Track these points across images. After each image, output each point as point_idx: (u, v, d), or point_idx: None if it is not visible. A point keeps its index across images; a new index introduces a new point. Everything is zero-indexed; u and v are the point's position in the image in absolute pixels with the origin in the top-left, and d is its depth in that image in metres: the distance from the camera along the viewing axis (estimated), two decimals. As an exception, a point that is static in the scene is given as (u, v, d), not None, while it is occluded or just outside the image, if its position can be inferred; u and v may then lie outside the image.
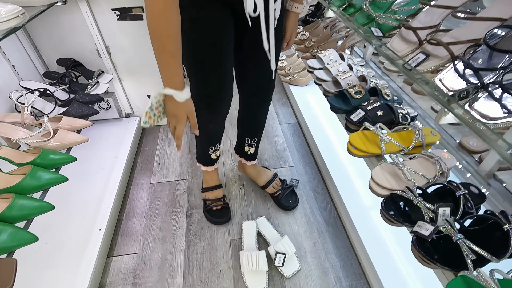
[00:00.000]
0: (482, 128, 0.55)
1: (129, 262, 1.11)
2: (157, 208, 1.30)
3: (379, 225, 1.15)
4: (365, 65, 1.40)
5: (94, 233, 1.11)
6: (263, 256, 1.04)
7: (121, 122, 1.66)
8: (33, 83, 1.20)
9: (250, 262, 1.03)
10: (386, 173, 0.81)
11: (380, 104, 0.97)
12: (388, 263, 1.03)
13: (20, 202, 0.79)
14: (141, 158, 1.56)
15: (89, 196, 1.25)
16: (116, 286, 1.04)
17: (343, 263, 1.10)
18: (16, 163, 0.89)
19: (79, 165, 1.39)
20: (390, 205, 0.74)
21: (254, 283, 1.02)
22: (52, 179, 0.88)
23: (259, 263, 1.02)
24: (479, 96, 0.58)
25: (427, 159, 0.83)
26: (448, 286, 0.56)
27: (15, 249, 0.72)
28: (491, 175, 0.83)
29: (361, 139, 0.91)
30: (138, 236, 1.20)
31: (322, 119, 1.69)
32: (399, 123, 0.96)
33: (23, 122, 1.03)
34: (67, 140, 1.01)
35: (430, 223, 0.65)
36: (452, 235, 0.61)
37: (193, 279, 1.05)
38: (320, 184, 1.41)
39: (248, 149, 1.24)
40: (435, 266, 0.62)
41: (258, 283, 1.02)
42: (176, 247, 1.15)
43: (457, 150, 0.94)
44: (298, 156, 1.56)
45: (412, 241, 0.65)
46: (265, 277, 1.03)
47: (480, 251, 0.59)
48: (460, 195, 0.71)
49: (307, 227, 1.22)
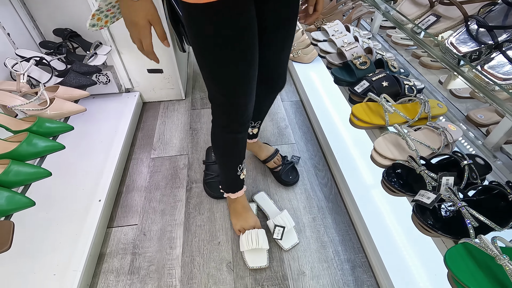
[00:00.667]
0: (493, 90, 0.51)
1: (129, 233, 1.12)
2: (157, 182, 1.30)
3: (380, 201, 1.14)
4: (372, 38, 1.34)
5: (94, 204, 1.11)
6: (263, 234, 1.03)
7: (120, 97, 1.63)
8: (29, 51, 1.17)
9: (250, 241, 1.01)
10: (389, 144, 0.78)
11: (385, 75, 0.93)
12: (387, 238, 1.02)
13: (16, 167, 0.78)
14: (141, 133, 1.55)
15: (88, 168, 1.25)
16: (116, 255, 1.05)
17: (342, 238, 1.09)
18: (12, 130, 0.88)
19: (78, 138, 1.39)
20: (392, 175, 0.72)
21: (255, 261, 1.01)
22: (49, 147, 0.87)
23: (259, 241, 1.01)
24: (492, 56, 0.55)
25: (432, 130, 0.81)
26: (448, 252, 0.55)
27: (12, 212, 0.72)
28: (498, 148, 0.80)
29: (365, 111, 0.88)
30: (137, 208, 1.20)
31: (325, 97, 1.65)
32: (404, 95, 0.92)
33: (19, 90, 1.01)
34: (64, 109, 1.00)
35: (432, 192, 0.63)
36: (455, 202, 0.60)
37: (192, 250, 1.06)
38: (321, 161, 1.39)
39: (251, 130, 1.19)
40: (435, 234, 0.61)
41: (259, 261, 1.01)
42: (175, 219, 1.16)
43: (464, 123, 0.90)
44: (300, 133, 1.54)
45: (413, 209, 0.63)
46: (265, 255, 1.02)
47: (483, 218, 0.57)
48: (465, 165, 0.69)
49: (307, 202, 1.21)
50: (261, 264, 1.00)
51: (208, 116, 1.63)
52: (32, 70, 1.09)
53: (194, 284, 0.97)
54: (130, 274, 1.00)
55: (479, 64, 0.55)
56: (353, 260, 1.03)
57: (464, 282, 0.52)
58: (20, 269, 0.93)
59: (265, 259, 1.01)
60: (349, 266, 1.02)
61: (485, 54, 0.55)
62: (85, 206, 1.10)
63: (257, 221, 1.09)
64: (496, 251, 0.50)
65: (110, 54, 1.46)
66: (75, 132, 1.43)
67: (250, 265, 1.00)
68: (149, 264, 1.02)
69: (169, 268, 1.01)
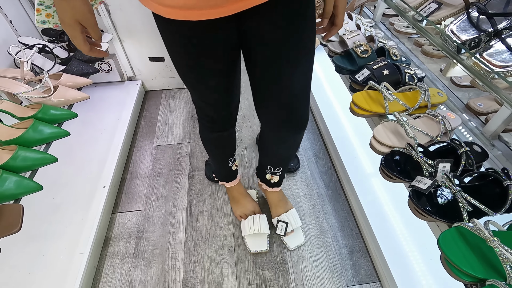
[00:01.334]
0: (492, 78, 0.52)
1: (133, 218, 1.15)
2: (159, 169, 1.32)
3: (378, 189, 1.16)
4: (374, 26, 1.33)
5: (98, 190, 1.14)
6: (264, 219, 1.06)
7: (123, 85, 1.64)
8: (32, 39, 1.18)
9: (252, 225, 1.04)
10: (388, 131, 0.79)
11: (386, 63, 0.93)
12: (384, 225, 1.05)
13: (23, 153, 0.80)
14: (143, 122, 1.56)
15: (93, 156, 1.27)
16: (121, 239, 1.08)
17: (341, 224, 1.12)
18: (18, 117, 0.90)
19: (82, 127, 1.41)
20: (390, 162, 0.74)
21: (255, 245, 1.03)
22: (54, 133, 0.89)
23: (261, 226, 1.03)
24: (491, 44, 0.55)
25: (431, 118, 0.81)
26: (442, 235, 0.57)
27: (20, 196, 0.75)
28: (496, 136, 0.81)
29: (365, 99, 0.89)
30: (141, 194, 1.23)
31: (327, 86, 1.65)
32: (405, 83, 0.93)
33: (23, 77, 1.02)
34: (67, 96, 1.01)
35: (428, 178, 0.65)
36: (450, 188, 0.61)
37: (195, 234, 1.09)
38: (322, 149, 1.40)
39: (271, 177, 1.01)
40: (430, 218, 0.63)
41: (259, 245, 1.03)
42: (178, 205, 1.19)
43: (464, 111, 0.91)
44: (301, 122, 1.54)
45: (409, 195, 0.65)
46: (266, 240, 1.04)
47: (476, 203, 0.59)
48: (462, 152, 0.70)
49: (307, 190, 1.23)
50: (261, 248, 1.03)
51: (210, 105, 1.64)
52: (36, 57, 1.10)
53: (197, 267, 1.01)
54: (135, 257, 1.03)
55: (478, 51, 0.56)
56: (351, 246, 1.06)
57: (456, 264, 0.54)
58: (29, 252, 0.96)
59: (265, 244, 1.04)
60: (347, 251, 1.05)
61: (484, 41, 0.55)
62: (90, 192, 1.13)
63: (256, 206, 1.12)
64: (487, 233, 0.52)
65: (112, 42, 1.46)
66: (79, 120, 1.45)
67: (251, 249, 1.03)
68: (153, 248, 1.06)
69: (173, 251, 1.05)
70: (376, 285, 0.96)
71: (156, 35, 0.66)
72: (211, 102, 0.78)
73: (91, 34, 0.57)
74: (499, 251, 0.51)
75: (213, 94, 0.75)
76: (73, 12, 0.52)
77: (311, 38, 0.64)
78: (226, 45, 0.63)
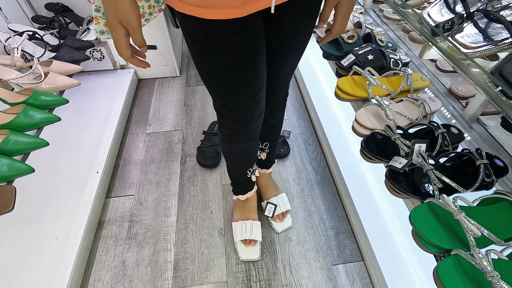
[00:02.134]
0: (460, 59, 0.54)
1: (126, 202, 1.18)
2: (152, 155, 1.35)
3: (366, 174, 1.19)
4: (364, 12, 1.34)
5: (92, 175, 1.16)
6: (257, 225, 1.02)
7: (115, 74, 1.65)
8: (22, 26, 1.18)
9: (244, 230, 1.01)
10: (369, 114, 0.82)
11: (371, 49, 0.95)
12: (369, 208, 1.08)
13: (14, 137, 0.82)
14: (136, 110, 1.58)
15: (86, 142, 1.29)
16: (114, 222, 1.12)
17: (328, 207, 1.15)
18: (9, 103, 0.91)
19: (75, 114, 1.42)
20: (371, 143, 0.76)
21: (247, 253, 1.00)
22: (45, 118, 0.91)
23: (253, 232, 1.00)
24: (464, 26, 0.57)
25: (413, 102, 0.84)
26: (413, 210, 0.60)
27: (13, 178, 0.77)
28: (474, 119, 0.83)
29: (349, 83, 0.91)
30: (134, 180, 1.25)
31: (319, 74, 1.66)
32: (389, 68, 0.94)
33: (14, 64, 1.03)
34: (58, 83, 1.02)
35: (405, 158, 0.68)
36: (423, 166, 0.64)
37: (186, 218, 1.13)
38: (312, 136, 1.43)
39: (260, 153, 1.04)
40: (405, 196, 0.66)
41: (251, 253, 1.00)
42: (170, 190, 1.22)
43: (446, 96, 0.93)
44: (293, 109, 1.57)
45: (385, 174, 0.68)
46: (258, 248, 1.01)
47: (447, 180, 0.61)
48: (438, 134, 0.73)
49: (296, 175, 1.26)
50: (252, 256, 1.00)
51: (202, 93, 1.65)
52: (26, 44, 1.11)
53: (188, 248, 1.04)
54: (128, 239, 1.07)
55: (451, 34, 0.57)
56: (337, 227, 1.10)
57: (425, 236, 0.57)
58: (25, 234, 0.99)
59: (257, 252, 1.00)
60: (333, 232, 1.08)
61: (457, 24, 0.57)
62: (83, 177, 1.15)
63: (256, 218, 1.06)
64: (454, 207, 0.55)
65: (103, 29, 1.46)
66: (72, 107, 1.47)
67: (242, 257, 1.00)
68: (146, 231, 1.09)
69: (165, 234, 1.08)
70: (359, 264, 1.00)
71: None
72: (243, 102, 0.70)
73: (132, 39, 0.51)
74: (465, 224, 0.54)
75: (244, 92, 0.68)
76: (115, 12, 0.47)
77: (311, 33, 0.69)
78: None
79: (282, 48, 0.67)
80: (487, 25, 0.56)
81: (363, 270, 0.99)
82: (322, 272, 0.98)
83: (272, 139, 1.01)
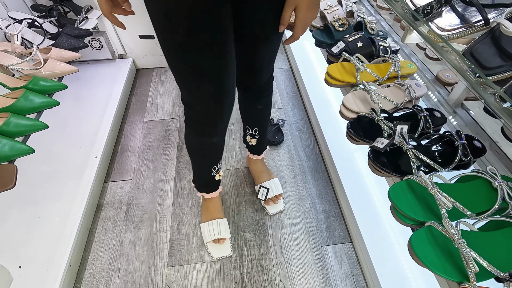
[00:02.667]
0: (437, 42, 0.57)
1: (124, 186, 1.22)
2: (150, 142, 1.38)
3: (358, 161, 1.22)
4: (358, 2, 1.35)
5: (90, 160, 1.20)
6: (224, 223, 1.03)
7: (114, 63, 1.68)
8: (21, 14, 1.21)
9: (212, 231, 1.01)
10: (356, 99, 0.85)
11: (361, 36, 0.97)
12: (359, 193, 1.11)
13: (15, 120, 0.86)
14: (134, 98, 1.61)
15: (85, 129, 1.33)
16: (112, 205, 1.16)
17: (319, 192, 1.19)
18: (10, 87, 0.95)
19: (74, 102, 1.46)
20: (356, 126, 0.79)
21: (218, 251, 1.01)
22: (44, 102, 0.94)
23: (221, 231, 1.00)
24: (442, 10, 0.59)
25: (399, 87, 0.86)
26: (392, 187, 0.63)
27: (14, 158, 0.81)
28: (459, 104, 0.86)
29: (339, 70, 0.93)
30: (132, 165, 1.29)
31: (316, 64, 1.68)
32: (378, 55, 0.97)
33: (14, 51, 1.06)
34: (57, 69, 1.05)
35: (387, 139, 0.71)
36: (403, 145, 0.67)
37: (182, 201, 1.16)
38: (306, 124, 1.46)
39: (250, 139, 1.06)
40: (386, 174, 0.69)
41: (223, 251, 1.01)
42: (166, 175, 1.25)
43: (433, 82, 0.96)
44: (288, 99, 1.59)
45: (368, 154, 0.71)
46: (229, 244, 1.02)
47: (424, 158, 0.65)
48: (421, 116, 0.76)
49: (289, 161, 1.30)
50: (225, 253, 1.00)
51: (200, 82, 1.68)
52: (25, 32, 1.14)
53: (183, 229, 1.08)
54: (125, 221, 1.11)
55: (430, 17, 0.60)
56: (328, 211, 1.13)
57: (401, 210, 0.60)
58: (26, 214, 1.04)
59: (228, 248, 1.01)
60: (324, 216, 1.12)
61: (436, 8, 0.60)
62: (82, 162, 1.19)
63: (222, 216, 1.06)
64: (429, 182, 0.59)
65: (102, 18, 1.48)
66: (71, 95, 1.50)
67: (215, 256, 1.00)
68: (143, 213, 1.13)
69: (161, 216, 1.12)
70: (348, 245, 1.04)
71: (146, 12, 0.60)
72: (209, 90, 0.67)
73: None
74: (438, 198, 0.57)
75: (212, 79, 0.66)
76: None
77: None
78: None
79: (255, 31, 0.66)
80: (464, 9, 0.58)
81: (351, 251, 1.03)
82: (312, 253, 1.02)
83: (262, 125, 1.02)
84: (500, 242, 0.55)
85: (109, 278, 0.97)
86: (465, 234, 0.56)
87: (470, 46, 0.50)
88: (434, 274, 0.53)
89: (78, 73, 1.61)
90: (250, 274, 0.97)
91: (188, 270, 0.98)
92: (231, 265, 0.99)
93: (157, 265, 1.00)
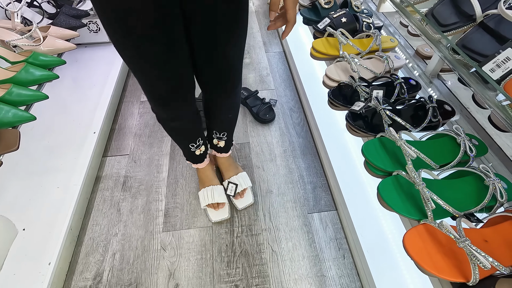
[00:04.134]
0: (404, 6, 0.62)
1: (122, 160, 1.27)
2: (146, 121, 1.44)
3: (345, 137, 1.28)
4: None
5: (89, 135, 1.25)
6: (218, 189, 1.08)
7: (111, 46, 1.70)
8: (20, -6, 1.25)
9: (206, 196, 1.06)
10: (338, 69, 0.90)
11: (345, 12, 1.02)
12: (346, 165, 1.17)
13: (17, 90, 0.91)
14: (131, 80, 1.65)
15: (83, 107, 1.38)
16: (110, 177, 1.21)
17: (308, 165, 1.25)
18: (11, 61, 1.00)
19: (72, 82, 1.51)
20: (337, 93, 0.85)
21: (217, 214, 1.07)
22: (44, 75, 0.99)
23: (215, 196, 1.06)
24: (411, -22, 0.64)
25: (379, 59, 0.92)
26: (365, 143, 0.69)
27: (17, 124, 0.86)
28: (435, 75, 0.91)
29: (324, 44, 0.98)
30: (129, 142, 1.35)
31: (308, 47, 1.73)
32: (362, 31, 1.02)
33: (14, 28, 1.11)
34: (56, 45, 1.10)
35: (363, 102, 0.76)
36: (376, 107, 0.73)
37: (176, 174, 1.22)
38: (297, 104, 1.51)
39: (218, 142, 1.05)
40: (362, 134, 0.75)
41: (221, 214, 1.07)
42: (162, 150, 1.31)
43: (413, 57, 1.01)
44: (280, 80, 1.64)
45: (345, 117, 0.77)
46: (227, 208, 1.07)
47: (395, 117, 0.70)
48: (397, 83, 0.81)
49: (280, 138, 1.35)
50: (223, 216, 1.06)
51: (195, 65, 1.72)
52: (25, 11, 1.18)
53: (178, 199, 1.14)
54: (123, 191, 1.17)
55: (400, -15, 0.65)
56: (315, 182, 1.19)
57: (372, 162, 0.66)
58: (29, 183, 1.09)
59: (226, 212, 1.07)
60: (311, 186, 1.18)
61: (405, -24, 0.65)
62: (81, 137, 1.25)
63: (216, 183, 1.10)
64: (396, 136, 0.64)
65: (98, 1, 1.52)
66: (69, 77, 1.55)
67: (213, 219, 1.06)
68: (139, 184, 1.19)
69: (156, 187, 1.18)
70: (333, 212, 1.11)
71: None
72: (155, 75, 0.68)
73: None
74: (404, 150, 0.63)
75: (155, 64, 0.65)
76: None
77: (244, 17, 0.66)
78: None
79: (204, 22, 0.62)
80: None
81: (336, 217, 1.09)
82: (299, 219, 1.09)
83: (230, 129, 1.03)
84: (459, 188, 0.61)
85: (108, 241, 1.03)
86: (429, 182, 0.62)
87: (431, 8, 0.56)
88: (399, 215, 0.59)
89: (76, 55, 1.67)
90: (240, 238, 1.04)
91: (182, 235, 1.05)
92: (222, 230, 1.06)
93: (153, 230, 1.06)
